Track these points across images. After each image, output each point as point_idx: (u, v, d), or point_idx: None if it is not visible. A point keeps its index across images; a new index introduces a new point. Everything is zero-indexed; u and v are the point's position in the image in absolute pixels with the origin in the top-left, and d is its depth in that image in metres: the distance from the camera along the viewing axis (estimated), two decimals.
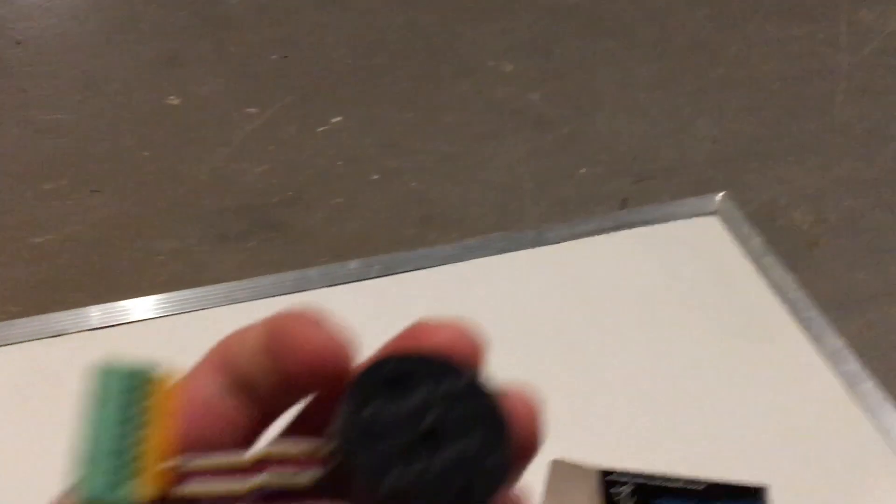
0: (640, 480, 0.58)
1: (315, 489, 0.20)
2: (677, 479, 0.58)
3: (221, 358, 0.23)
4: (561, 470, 0.61)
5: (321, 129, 1.62)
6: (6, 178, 1.51)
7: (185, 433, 0.22)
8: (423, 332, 0.22)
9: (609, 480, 0.59)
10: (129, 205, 1.49)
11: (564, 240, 0.94)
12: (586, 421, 0.73)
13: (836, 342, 0.83)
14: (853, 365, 0.81)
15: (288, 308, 0.22)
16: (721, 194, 0.99)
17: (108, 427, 0.19)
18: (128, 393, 0.19)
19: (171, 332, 0.82)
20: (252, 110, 1.69)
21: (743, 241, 0.93)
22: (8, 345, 0.80)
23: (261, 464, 0.20)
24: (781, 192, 1.48)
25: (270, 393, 0.22)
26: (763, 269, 0.90)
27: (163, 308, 0.84)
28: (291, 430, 0.24)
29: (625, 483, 0.59)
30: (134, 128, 1.65)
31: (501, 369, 0.79)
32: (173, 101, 1.72)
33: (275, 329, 0.22)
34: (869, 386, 0.78)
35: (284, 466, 0.20)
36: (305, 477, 0.20)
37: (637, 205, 1.38)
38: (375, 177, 1.48)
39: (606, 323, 0.83)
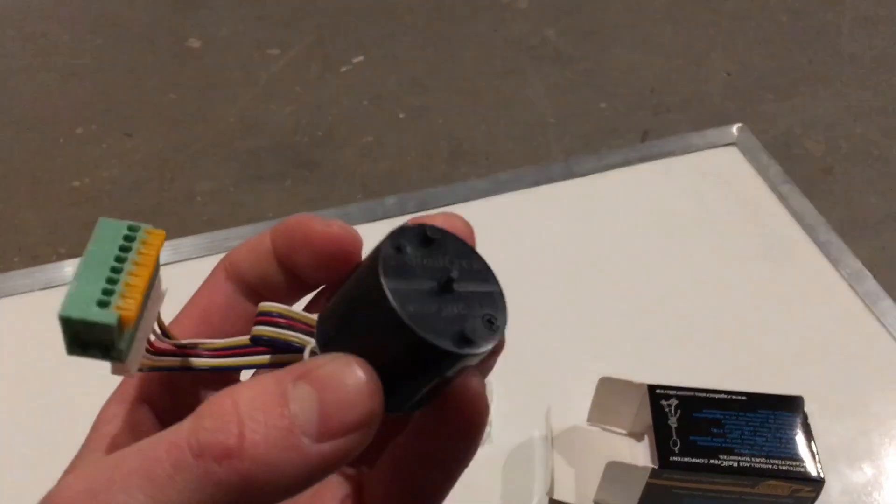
0: (685, 393, 0.63)
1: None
2: (719, 392, 0.63)
3: (231, 267, 0.24)
4: (609, 386, 0.66)
5: (344, 68, 1.64)
6: (37, 123, 1.52)
7: (207, 333, 0.24)
8: (423, 219, 0.23)
9: (656, 394, 0.63)
10: (162, 147, 1.51)
11: (592, 172, 0.97)
12: (623, 344, 0.77)
13: (855, 263, 0.86)
14: (871, 284, 0.84)
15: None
16: (738, 125, 1.02)
17: (99, 263, 0.20)
18: (122, 241, 0.21)
19: None
20: (273, 52, 1.69)
21: (761, 170, 0.96)
22: (63, 285, 0.83)
23: (263, 316, 0.22)
24: (795, 122, 1.51)
25: (279, 291, 0.24)
26: (782, 197, 0.93)
27: (210, 247, 0.87)
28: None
29: (671, 396, 0.63)
30: (157, 72, 1.66)
31: (537, 299, 0.84)
32: (194, 43, 1.72)
33: (281, 231, 0.23)
34: (888, 304, 0.80)
35: (283, 322, 0.22)
36: (300, 334, 0.22)
37: (657, 137, 1.41)
38: (402, 115, 1.50)
39: (637, 251, 0.87)
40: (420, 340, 0.19)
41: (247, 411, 0.18)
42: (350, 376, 0.19)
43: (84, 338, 0.20)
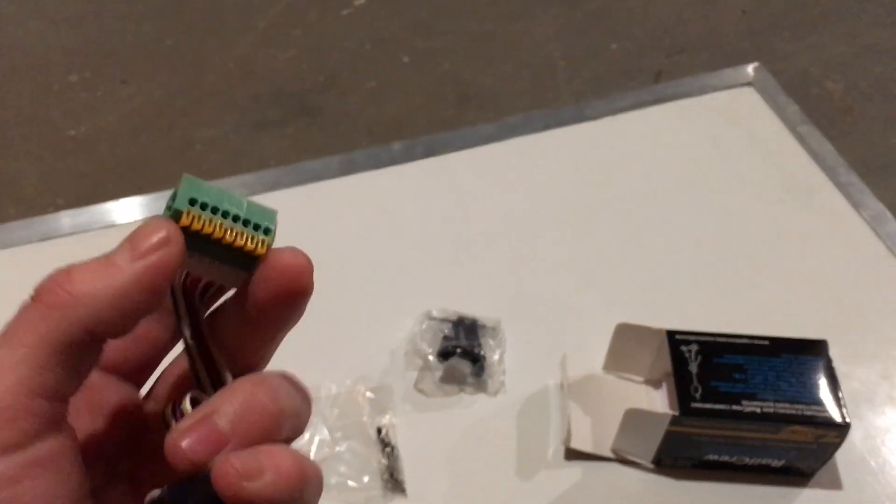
0: (706, 338, 0.61)
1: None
2: (741, 336, 0.61)
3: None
4: (626, 332, 0.65)
5: (345, 11, 1.60)
6: (30, 71, 1.49)
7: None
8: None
9: (676, 340, 0.61)
10: (159, 94, 1.48)
11: (604, 115, 0.94)
12: (638, 291, 0.75)
13: (876, 205, 0.84)
14: (893, 226, 0.82)
15: None
16: (755, 65, 0.99)
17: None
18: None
19: None
20: None
21: (779, 110, 0.94)
22: (60, 237, 0.82)
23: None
24: (812, 62, 1.48)
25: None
26: (800, 138, 0.91)
27: None
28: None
29: (691, 342, 0.61)
30: (152, 17, 1.62)
31: (550, 246, 0.82)
32: None
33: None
34: None
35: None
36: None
37: (670, 78, 1.38)
38: (406, 59, 1.47)
39: (652, 195, 0.85)
40: None
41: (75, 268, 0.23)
42: (150, 221, 0.24)
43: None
